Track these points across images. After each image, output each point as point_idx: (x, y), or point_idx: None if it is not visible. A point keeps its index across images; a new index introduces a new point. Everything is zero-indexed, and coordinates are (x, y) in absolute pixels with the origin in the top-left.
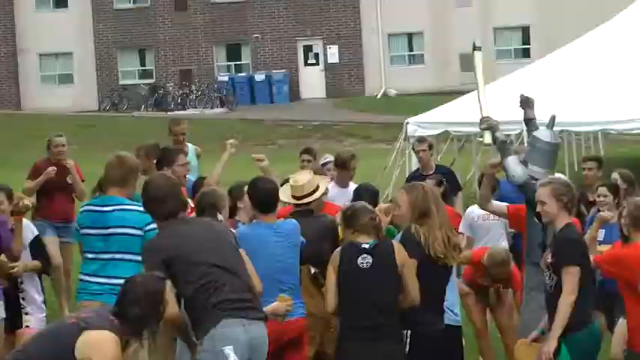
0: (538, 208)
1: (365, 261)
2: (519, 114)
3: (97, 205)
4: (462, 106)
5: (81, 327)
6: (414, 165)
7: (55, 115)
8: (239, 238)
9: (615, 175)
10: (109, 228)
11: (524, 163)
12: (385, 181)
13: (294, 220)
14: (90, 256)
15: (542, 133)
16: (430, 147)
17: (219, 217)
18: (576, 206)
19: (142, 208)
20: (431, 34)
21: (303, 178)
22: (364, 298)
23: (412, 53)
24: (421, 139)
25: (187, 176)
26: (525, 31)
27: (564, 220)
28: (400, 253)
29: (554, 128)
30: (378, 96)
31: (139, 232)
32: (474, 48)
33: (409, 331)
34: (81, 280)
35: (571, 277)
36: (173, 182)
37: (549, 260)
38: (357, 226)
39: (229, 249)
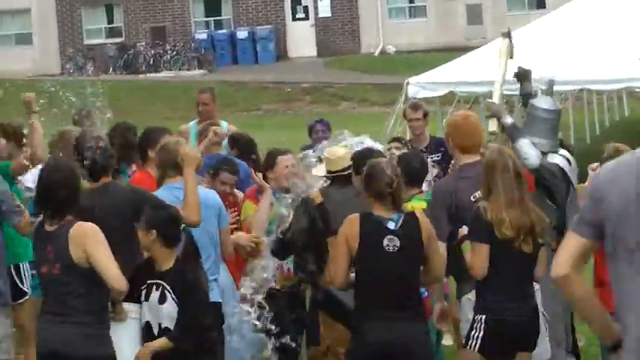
0: None
1: (392, 244)
2: (533, 69)
3: None
4: (469, 64)
5: None
6: None
7: (11, 80)
8: None
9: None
10: None
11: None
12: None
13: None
14: None
15: (541, 101)
16: (425, 115)
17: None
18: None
19: None
20: None
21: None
22: (388, 282)
23: (413, 5)
24: (415, 106)
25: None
26: None
27: None
28: (425, 228)
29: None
30: (376, 54)
31: None
32: (504, 35)
33: (484, 317)
34: None
35: None
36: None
37: None
38: (376, 192)
39: None
